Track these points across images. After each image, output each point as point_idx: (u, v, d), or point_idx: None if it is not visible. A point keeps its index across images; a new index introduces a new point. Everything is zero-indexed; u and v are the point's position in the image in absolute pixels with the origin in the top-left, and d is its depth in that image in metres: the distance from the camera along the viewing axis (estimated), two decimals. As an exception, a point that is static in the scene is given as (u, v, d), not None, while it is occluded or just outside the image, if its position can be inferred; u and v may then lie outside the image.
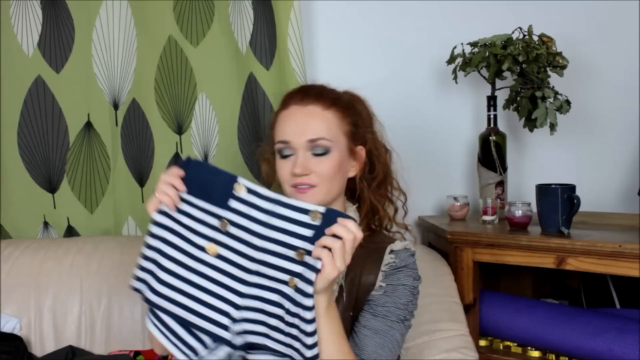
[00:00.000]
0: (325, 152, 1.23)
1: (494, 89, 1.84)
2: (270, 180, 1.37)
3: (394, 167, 1.37)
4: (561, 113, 1.73)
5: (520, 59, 1.72)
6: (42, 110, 1.88)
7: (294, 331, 1.06)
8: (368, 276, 1.24)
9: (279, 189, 1.32)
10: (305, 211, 1.06)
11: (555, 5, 1.96)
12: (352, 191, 1.33)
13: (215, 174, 1.10)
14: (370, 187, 1.32)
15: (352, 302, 1.24)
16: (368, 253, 1.24)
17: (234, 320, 1.07)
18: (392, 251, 1.26)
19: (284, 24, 1.79)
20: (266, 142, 1.38)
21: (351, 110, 1.29)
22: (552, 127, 1.72)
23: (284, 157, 1.24)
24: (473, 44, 1.81)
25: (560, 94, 1.74)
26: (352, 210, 1.30)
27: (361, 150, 1.30)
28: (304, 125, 1.23)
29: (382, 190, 1.34)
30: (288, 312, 1.05)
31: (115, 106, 1.90)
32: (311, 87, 1.31)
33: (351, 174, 1.29)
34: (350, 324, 1.23)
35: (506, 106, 1.84)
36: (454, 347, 1.44)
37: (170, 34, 1.85)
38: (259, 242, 1.07)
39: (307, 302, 1.04)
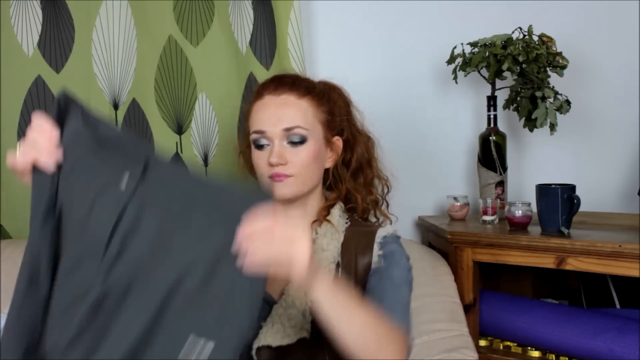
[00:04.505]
0: (302, 141, 1.22)
1: (494, 89, 1.84)
2: (247, 173, 1.36)
3: (379, 156, 1.36)
4: (561, 113, 1.74)
5: (520, 59, 1.72)
6: (42, 110, 1.88)
7: None
8: (363, 257, 1.23)
9: (257, 183, 1.31)
10: None
11: (555, 5, 1.96)
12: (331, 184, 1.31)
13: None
14: (346, 177, 1.30)
15: (352, 286, 1.19)
16: (359, 236, 1.25)
17: None
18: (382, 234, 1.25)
19: (284, 24, 1.79)
20: (241, 134, 1.34)
21: (326, 98, 1.27)
22: (552, 127, 1.73)
23: (260, 147, 1.24)
24: (473, 44, 1.81)
25: (560, 94, 1.74)
26: (338, 208, 1.28)
27: (338, 141, 1.29)
28: (278, 114, 1.22)
29: (360, 179, 1.32)
30: None
31: (115, 106, 1.90)
32: (285, 76, 1.30)
33: (328, 165, 1.28)
34: None
35: (506, 106, 1.84)
36: (454, 347, 1.44)
37: (170, 34, 1.85)
38: None
39: None
